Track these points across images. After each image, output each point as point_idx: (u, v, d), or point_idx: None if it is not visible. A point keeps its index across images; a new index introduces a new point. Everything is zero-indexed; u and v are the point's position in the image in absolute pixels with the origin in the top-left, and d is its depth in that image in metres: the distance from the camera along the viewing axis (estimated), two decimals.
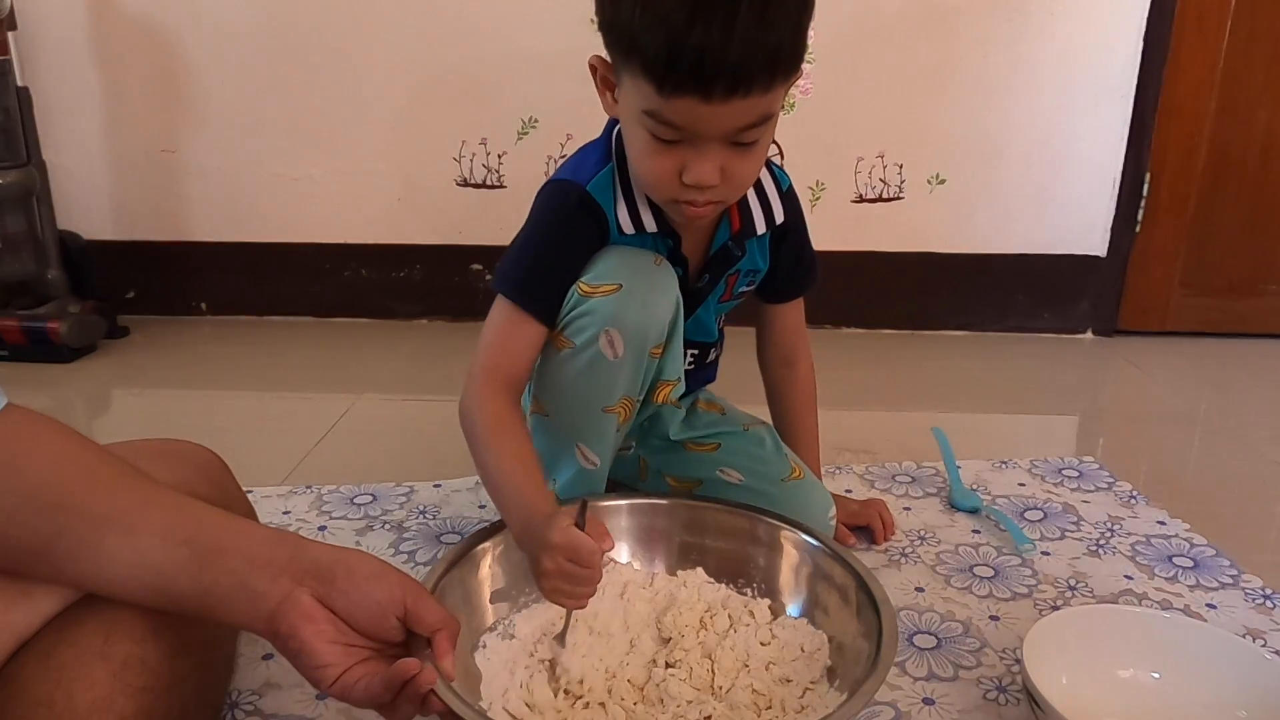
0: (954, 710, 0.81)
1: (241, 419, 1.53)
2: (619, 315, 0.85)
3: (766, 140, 0.80)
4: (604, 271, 0.87)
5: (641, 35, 0.72)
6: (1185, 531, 1.13)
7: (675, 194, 0.81)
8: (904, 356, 1.89)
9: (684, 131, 0.76)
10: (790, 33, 0.73)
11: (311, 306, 2.01)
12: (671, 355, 0.91)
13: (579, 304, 0.86)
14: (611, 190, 0.89)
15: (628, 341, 0.86)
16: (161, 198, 1.95)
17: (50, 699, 0.58)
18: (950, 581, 1.02)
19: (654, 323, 0.87)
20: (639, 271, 0.87)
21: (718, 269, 0.95)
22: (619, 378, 0.88)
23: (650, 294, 0.87)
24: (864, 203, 1.94)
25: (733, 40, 0.70)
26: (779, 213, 0.96)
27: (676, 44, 0.70)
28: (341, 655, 0.62)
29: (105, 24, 1.85)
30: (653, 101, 0.74)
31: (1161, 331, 2.00)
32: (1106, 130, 1.88)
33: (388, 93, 1.87)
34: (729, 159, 0.78)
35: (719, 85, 0.72)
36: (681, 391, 0.96)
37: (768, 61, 0.72)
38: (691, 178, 0.78)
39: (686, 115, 0.75)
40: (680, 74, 0.72)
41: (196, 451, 0.83)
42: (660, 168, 0.79)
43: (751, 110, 0.75)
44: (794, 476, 0.99)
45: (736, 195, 0.86)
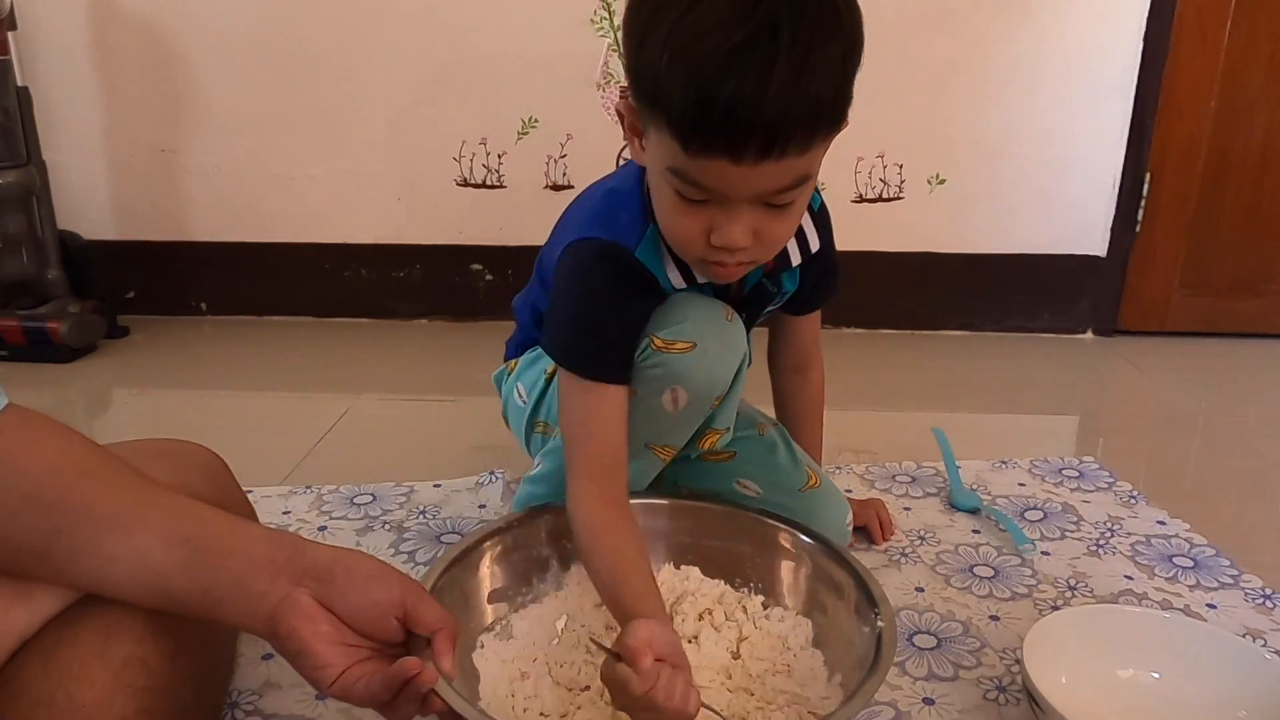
0: (954, 710, 0.81)
1: (241, 419, 1.53)
2: (689, 374, 0.82)
3: (805, 199, 0.75)
4: (680, 327, 0.82)
5: (668, 85, 0.66)
6: (1185, 531, 1.13)
7: (703, 254, 0.75)
8: (904, 356, 1.89)
9: (712, 193, 0.70)
10: (833, 84, 0.66)
11: (311, 306, 2.01)
12: (726, 406, 0.90)
13: (650, 356, 0.82)
14: (658, 253, 0.83)
15: (692, 398, 0.84)
16: (161, 198, 1.95)
17: (50, 699, 0.58)
18: (950, 581, 1.02)
19: (721, 380, 0.85)
20: (713, 330, 0.83)
21: (754, 308, 0.92)
22: (675, 429, 0.88)
23: (721, 352, 0.84)
24: (864, 203, 1.94)
25: (768, 95, 0.63)
26: (814, 241, 0.92)
27: (705, 98, 0.64)
28: (341, 655, 0.62)
29: (105, 24, 1.85)
30: (678, 159, 0.69)
31: (1161, 331, 2.00)
32: (1106, 130, 1.88)
33: (388, 93, 1.87)
34: (762, 221, 0.72)
35: (752, 145, 0.65)
36: (726, 441, 0.94)
37: (806, 118, 0.66)
38: (720, 240, 0.72)
39: (715, 177, 0.69)
40: (708, 132, 0.66)
41: (196, 452, 0.83)
42: (687, 228, 0.74)
43: (788, 172, 0.69)
44: (811, 485, 0.97)
45: (769, 256, 0.79)
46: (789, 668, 0.79)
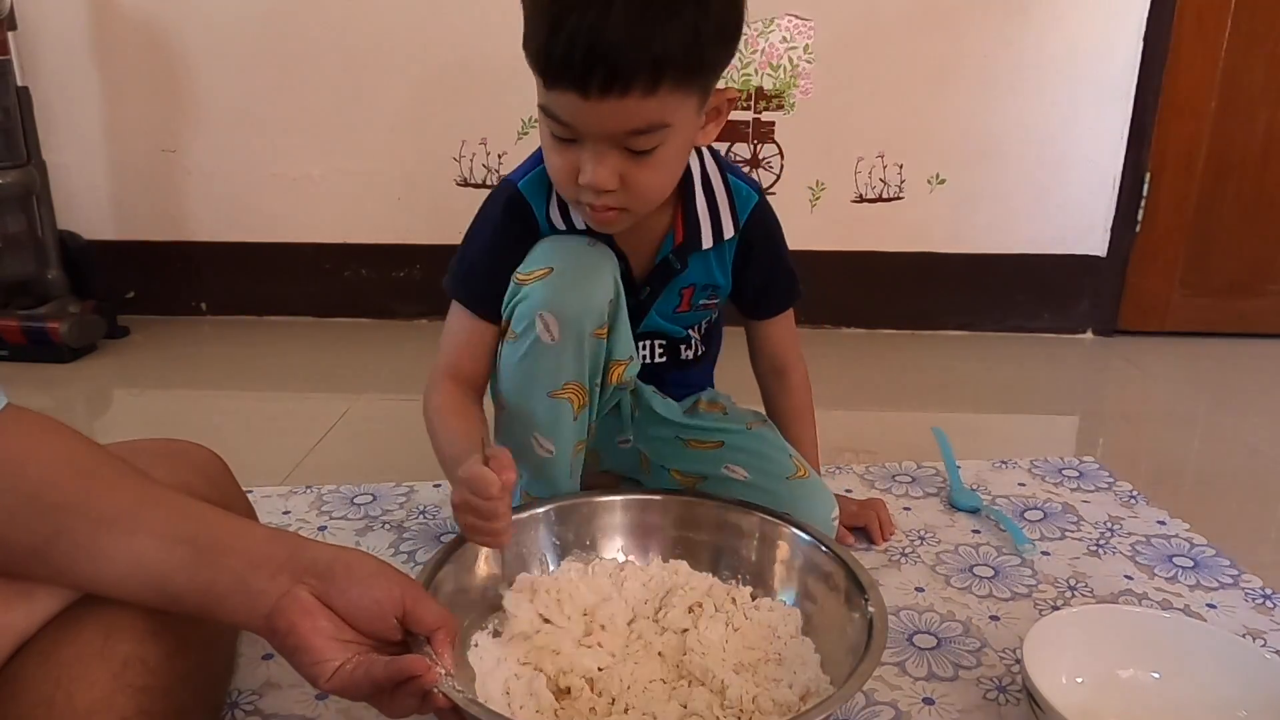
0: (954, 710, 0.81)
1: (241, 419, 1.53)
2: (551, 299, 0.85)
3: (671, 154, 0.79)
4: (536, 258, 0.88)
5: (530, 22, 0.73)
6: (1185, 531, 1.13)
7: (574, 194, 0.81)
8: (904, 356, 1.89)
9: (571, 130, 0.76)
10: (680, 33, 0.71)
11: (311, 306, 2.01)
12: (619, 336, 0.90)
13: (515, 292, 0.88)
14: (544, 188, 0.89)
15: (563, 324, 0.86)
16: (161, 198, 1.95)
17: (50, 699, 0.58)
18: (950, 581, 1.02)
19: (590, 303, 0.86)
20: (570, 255, 0.87)
21: (659, 281, 0.95)
22: (561, 362, 0.88)
23: (583, 275, 0.86)
24: (864, 203, 1.94)
25: (606, 30, 0.68)
26: (728, 227, 0.94)
27: (554, 31, 0.70)
28: (339, 651, 0.62)
29: (105, 24, 1.85)
30: (542, 95, 0.75)
31: (1161, 331, 2.00)
32: (1106, 130, 1.88)
33: (388, 93, 1.87)
34: (626, 166, 0.77)
35: (593, 80, 0.71)
36: (636, 369, 0.95)
37: (648, 60, 0.70)
38: (584, 179, 0.78)
39: (568, 110, 0.74)
40: (556, 64, 0.71)
41: (196, 451, 0.83)
42: (558, 166, 0.80)
43: (637, 114, 0.73)
44: (798, 475, 0.99)
45: (643, 206, 0.83)
46: (780, 656, 0.80)
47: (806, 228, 1.94)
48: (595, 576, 0.87)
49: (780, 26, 1.83)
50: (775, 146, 1.90)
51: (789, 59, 1.84)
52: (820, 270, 1.96)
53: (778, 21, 1.82)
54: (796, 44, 1.84)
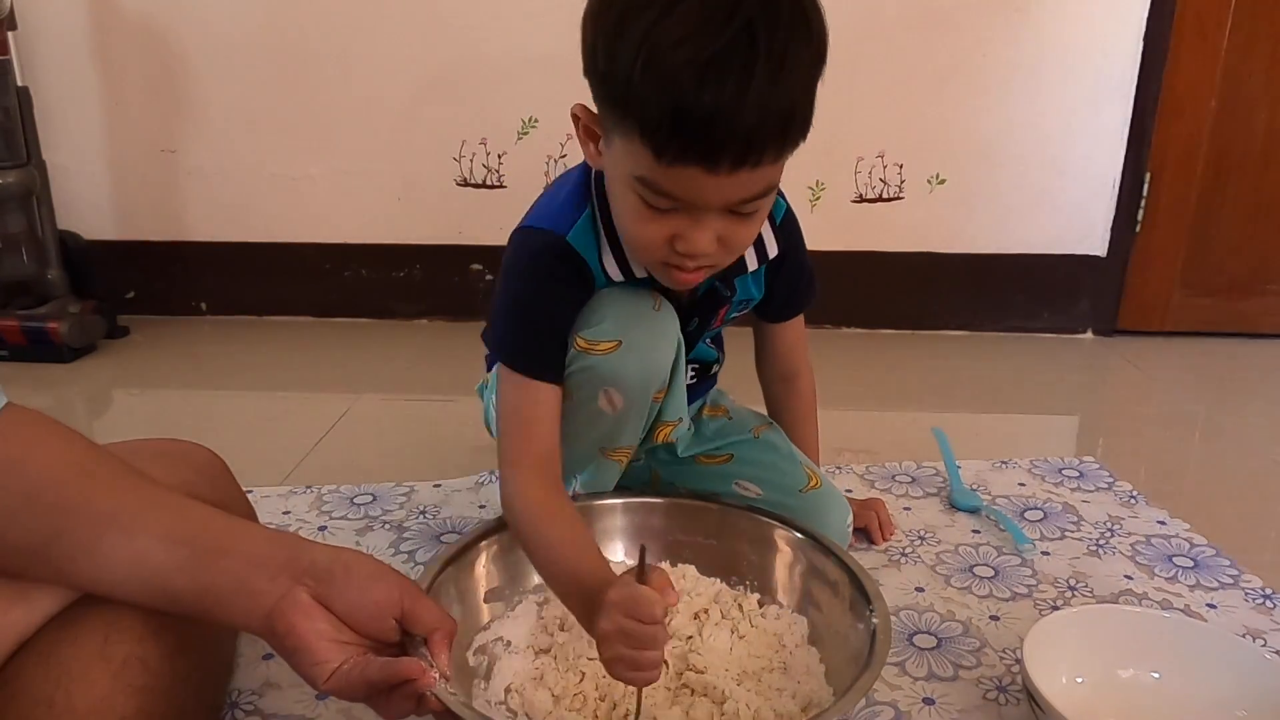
0: (954, 710, 0.81)
1: (241, 419, 1.53)
2: (619, 374, 0.81)
3: (768, 207, 0.75)
4: (602, 326, 0.81)
5: (641, 94, 0.64)
6: (1185, 531, 1.13)
7: (664, 258, 0.74)
8: (904, 356, 1.89)
9: (681, 201, 0.69)
10: (804, 95, 0.67)
11: (311, 306, 2.01)
12: (673, 397, 0.88)
13: (575, 359, 0.82)
14: (594, 237, 0.82)
15: (628, 398, 0.83)
16: (161, 198, 1.95)
17: (50, 699, 0.58)
18: (950, 581, 1.02)
19: (655, 374, 0.84)
20: (638, 324, 0.82)
21: (708, 311, 0.90)
22: (621, 430, 0.86)
23: (650, 346, 0.82)
24: (864, 203, 1.94)
25: (746, 104, 0.62)
26: (772, 247, 0.90)
27: (682, 107, 0.63)
28: (337, 652, 0.62)
29: (105, 24, 1.85)
30: (649, 168, 0.67)
31: (1161, 331, 2.00)
32: (1106, 130, 1.88)
33: (388, 93, 1.87)
34: (727, 227, 0.72)
35: (727, 155, 0.65)
36: (684, 430, 0.93)
37: (781, 127, 0.66)
38: (685, 247, 0.72)
39: (686, 186, 0.68)
40: (684, 141, 0.64)
41: (196, 451, 0.83)
42: (651, 234, 0.73)
43: (759, 181, 0.68)
44: (811, 486, 0.96)
45: (730, 261, 0.78)
46: (785, 665, 0.80)
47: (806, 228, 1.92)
48: None
49: None
50: None
51: None
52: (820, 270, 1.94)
53: None
54: None
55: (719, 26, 0.62)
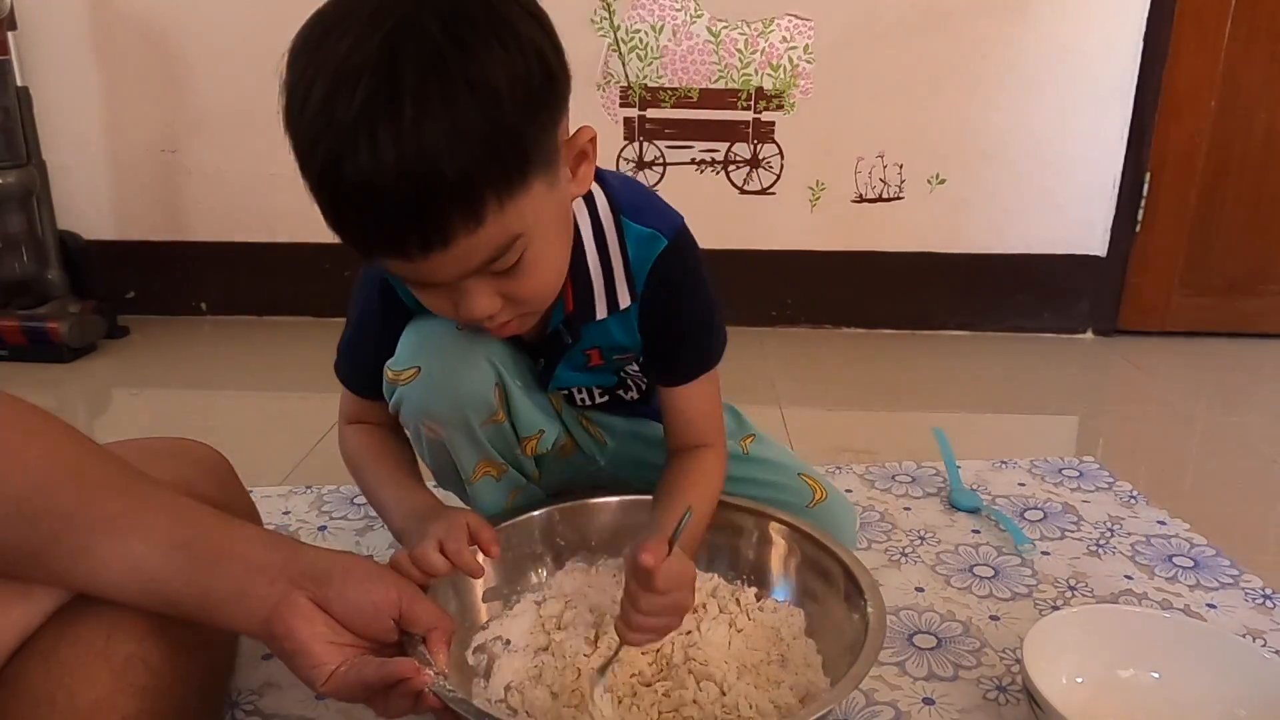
0: (954, 710, 0.81)
1: (241, 419, 1.53)
2: (427, 403, 0.79)
3: (543, 249, 0.66)
4: (403, 354, 0.79)
5: (316, 200, 0.61)
6: (1185, 531, 1.13)
7: (467, 322, 0.69)
8: (904, 356, 1.89)
9: (421, 282, 0.65)
10: (479, 140, 0.55)
11: (311, 306, 2.01)
12: (519, 415, 0.84)
13: (391, 391, 0.81)
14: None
15: (447, 426, 0.81)
16: (161, 198, 1.95)
17: (51, 697, 0.58)
18: (950, 581, 1.02)
19: (468, 400, 0.79)
20: (438, 350, 0.78)
21: (553, 353, 0.84)
22: (460, 454, 0.84)
23: (453, 373, 0.78)
24: (864, 203, 1.94)
25: (383, 189, 0.55)
26: (624, 297, 0.79)
27: (335, 208, 0.59)
28: (335, 655, 0.62)
29: (105, 24, 1.85)
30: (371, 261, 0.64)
31: (1161, 331, 2.00)
32: (1106, 130, 1.88)
33: None
34: (501, 285, 0.65)
35: (410, 246, 0.58)
36: (552, 439, 0.88)
37: (456, 195, 0.56)
38: (465, 315, 0.66)
39: (407, 271, 0.63)
40: (363, 247, 0.60)
41: (199, 450, 0.83)
42: (435, 305, 0.69)
43: (479, 248, 0.60)
44: (818, 500, 0.95)
45: (538, 307, 0.72)
46: (783, 657, 0.80)
47: (806, 228, 1.95)
48: (599, 576, 0.87)
49: (780, 26, 1.83)
50: (775, 146, 1.90)
51: (789, 59, 1.84)
52: (820, 270, 1.97)
53: (778, 21, 1.83)
54: (796, 44, 1.84)
55: (345, 99, 0.56)
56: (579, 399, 0.94)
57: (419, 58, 0.55)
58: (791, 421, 1.43)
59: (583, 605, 0.84)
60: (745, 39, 1.83)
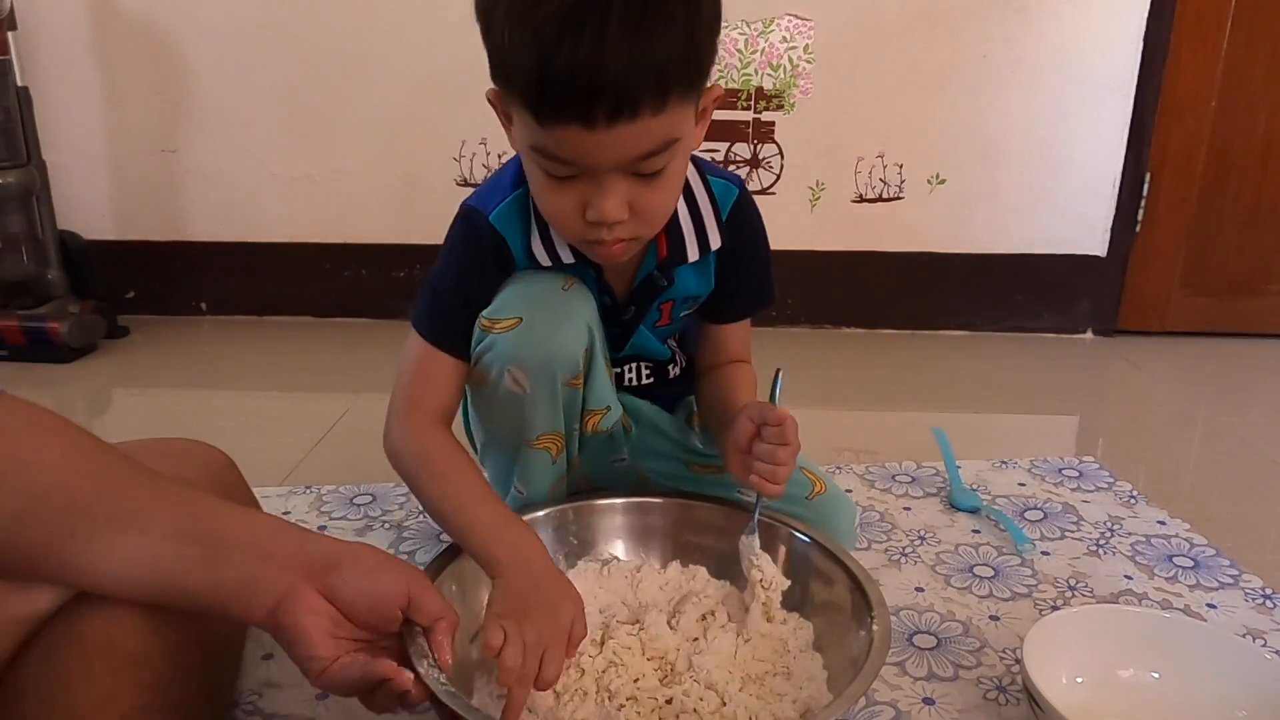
0: (954, 710, 0.81)
1: (241, 419, 1.53)
2: (520, 352, 0.80)
3: (679, 167, 0.74)
4: (505, 304, 0.81)
5: (513, 58, 0.65)
6: (1185, 531, 1.13)
7: (582, 233, 0.74)
8: (904, 356, 1.89)
9: (575, 165, 0.69)
10: (680, 42, 0.65)
11: (311, 306, 2.01)
12: (595, 385, 0.86)
13: (481, 339, 0.82)
14: (520, 219, 0.82)
15: (533, 378, 0.81)
16: (161, 198, 1.95)
17: (51, 696, 0.58)
18: (950, 581, 1.02)
19: (561, 356, 0.81)
20: (542, 302, 0.81)
21: (644, 300, 0.88)
22: (534, 414, 0.84)
23: (554, 326, 0.80)
24: (864, 203, 1.94)
25: (606, 54, 0.62)
26: (714, 238, 0.87)
27: (546, 64, 0.63)
28: (333, 648, 0.62)
29: (105, 24, 1.85)
30: (536, 134, 0.68)
31: (1161, 331, 2.00)
32: (1106, 130, 1.88)
33: (388, 93, 1.87)
34: (636, 191, 0.71)
35: (600, 109, 0.64)
36: (615, 419, 0.90)
37: (654, 77, 0.64)
38: (595, 215, 0.71)
39: (573, 147, 0.68)
40: (555, 99, 0.65)
41: (201, 451, 0.84)
42: (560, 206, 0.73)
43: (648, 136, 0.67)
44: (817, 492, 0.95)
45: (653, 230, 0.78)
46: (788, 670, 0.79)
47: (806, 228, 1.95)
48: (611, 577, 0.87)
49: (780, 26, 1.83)
50: (775, 146, 1.90)
51: (789, 59, 1.84)
52: (820, 270, 1.97)
53: (778, 21, 1.82)
54: (796, 44, 1.84)
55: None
56: (628, 378, 0.97)
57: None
58: None
59: (593, 606, 0.84)
60: (745, 39, 1.83)
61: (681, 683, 0.77)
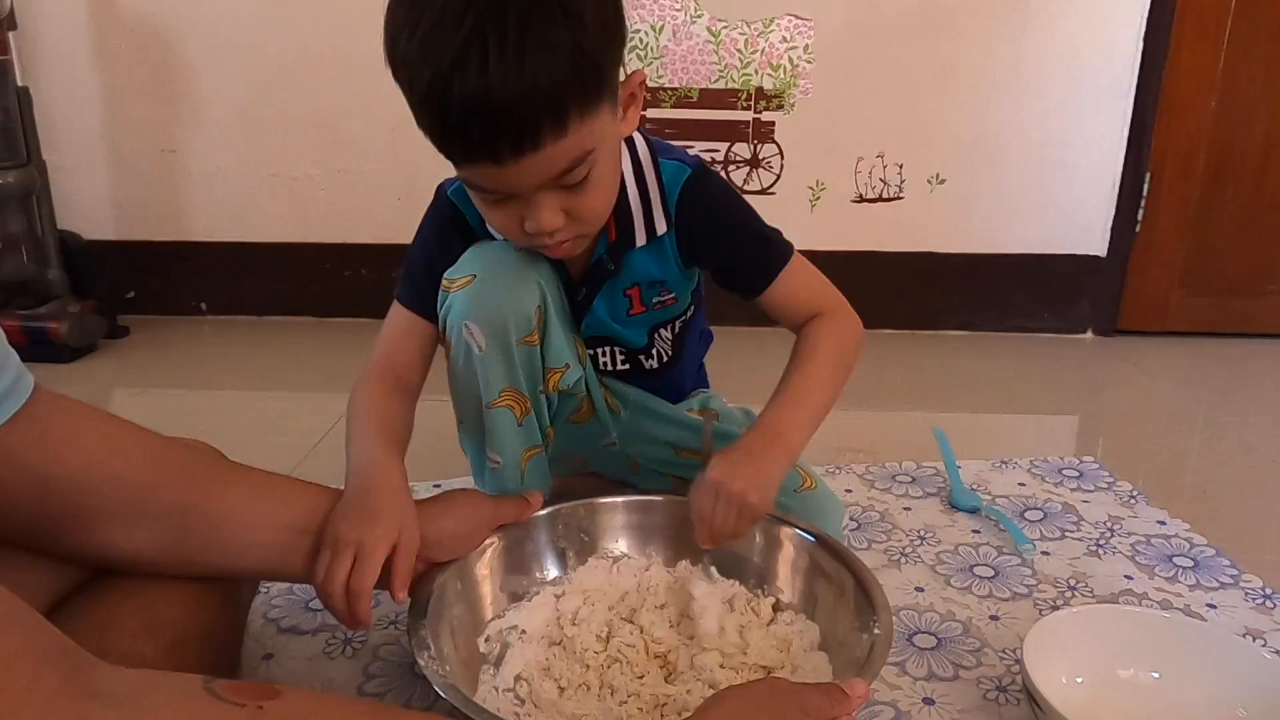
0: (954, 710, 0.81)
1: (241, 419, 1.53)
2: (474, 307, 0.83)
3: (605, 170, 0.75)
4: (462, 264, 0.85)
5: (415, 107, 0.69)
6: (1185, 531, 1.13)
7: (526, 241, 0.78)
8: (904, 356, 1.89)
9: (500, 192, 0.73)
10: (564, 64, 0.65)
11: (311, 306, 2.01)
12: (551, 342, 0.88)
13: (443, 300, 0.86)
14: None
15: (487, 333, 0.84)
16: (162, 198, 1.95)
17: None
18: (950, 581, 1.02)
19: (513, 311, 0.84)
20: (494, 261, 0.84)
21: (594, 283, 0.90)
22: (490, 370, 0.86)
23: (506, 282, 0.84)
24: (864, 203, 1.94)
25: (491, 95, 0.64)
26: (660, 222, 0.87)
27: (444, 112, 0.66)
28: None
29: (105, 24, 1.85)
30: (458, 169, 0.72)
31: (1161, 331, 2.00)
32: (1106, 130, 1.88)
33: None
34: (567, 200, 0.74)
35: (502, 146, 0.66)
36: (575, 377, 0.92)
37: (546, 106, 0.65)
38: (531, 228, 0.74)
39: (491, 179, 0.71)
40: (458, 144, 0.68)
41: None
42: (500, 221, 0.78)
43: (559, 156, 0.69)
44: (805, 487, 0.95)
45: (596, 226, 0.80)
46: (793, 669, 0.79)
47: (806, 228, 1.94)
48: (621, 575, 0.87)
49: (780, 26, 1.83)
50: (775, 146, 1.90)
51: (789, 59, 1.84)
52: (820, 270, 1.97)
53: (778, 21, 1.83)
54: (796, 44, 1.84)
55: (453, 28, 0.64)
56: (602, 361, 0.98)
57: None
58: None
59: (601, 602, 0.84)
60: (745, 39, 1.83)
61: (684, 681, 0.77)
